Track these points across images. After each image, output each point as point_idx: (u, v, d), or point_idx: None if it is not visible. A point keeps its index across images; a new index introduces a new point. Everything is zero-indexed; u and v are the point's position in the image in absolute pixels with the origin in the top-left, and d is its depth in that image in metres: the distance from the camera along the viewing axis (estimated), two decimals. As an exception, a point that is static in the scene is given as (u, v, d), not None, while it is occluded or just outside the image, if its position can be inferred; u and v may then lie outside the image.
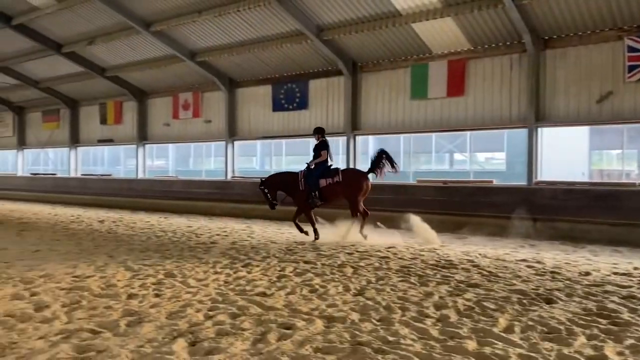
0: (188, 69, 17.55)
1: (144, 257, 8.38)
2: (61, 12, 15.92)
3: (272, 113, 16.72)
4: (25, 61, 20.28)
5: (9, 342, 4.25)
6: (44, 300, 5.55)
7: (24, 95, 24.31)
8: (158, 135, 20.40)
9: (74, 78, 20.78)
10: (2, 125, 27.20)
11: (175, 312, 5.17)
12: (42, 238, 10.76)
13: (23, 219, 15.02)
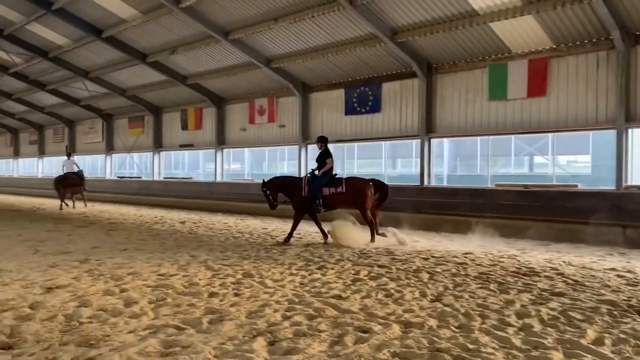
0: (263, 75, 18.00)
1: (223, 258, 8.67)
2: (146, 24, 16.84)
3: (344, 117, 16.79)
4: (113, 71, 21.60)
5: (102, 334, 4.54)
6: (132, 297, 5.88)
7: (112, 103, 25.91)
8: (235, 140, 21.05)
9: (157, 86, 21.89)
10: (93, 131, 29.12)
11: (254, 312, 5.31)
12: (129, 238, 11.40)
13: (111, 219, 15.98)
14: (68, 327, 4.76)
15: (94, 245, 10.08)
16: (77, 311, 5.24)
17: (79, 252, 9.14)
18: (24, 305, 5.49)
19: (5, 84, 27.32)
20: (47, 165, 34.64)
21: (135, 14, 16.47)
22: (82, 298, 5.81)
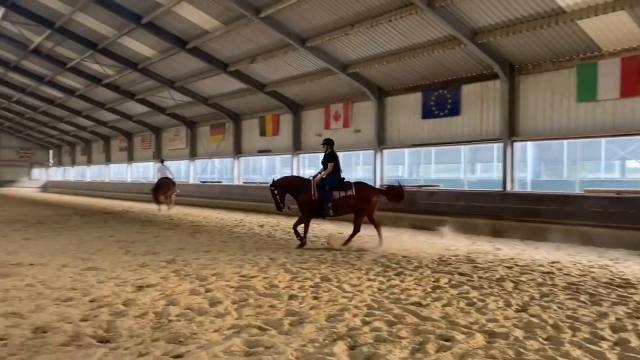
0: (339, 81, 18.11)
1: (301, 261, 8.79)
2: (227, 34, 17.46)
3: (421, 121, 16.53)
4: (196, 80, 22.57)
5: (190, 332, 4.73)
6: (216, 297, 6.09)
7: (195, 111, 27.08)
8: (311, 145, 21.32)
9: (237, 94, 22.63)
10: (177, 138, 30.56)
11: (334, 315, 5.33)
12: (212, 240, 11.83)
13: (194, 222, 16.66)
14: (158, 324, 5.01)
15: (180, 247, 10.55)
16: (166, 309, 5.50)
17: (165, 253, 9.61)
18: (118, 302, 5.84)
19: (99, 94, 29.31)
20: (135, 170, 36.78)
21: (217, 25, 17.13)
22: (170, 297, 6.09)
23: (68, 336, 4.57)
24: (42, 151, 51.58)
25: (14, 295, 6.12)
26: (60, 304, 5.74)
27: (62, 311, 5.43)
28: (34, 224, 15.68)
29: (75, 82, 28.37)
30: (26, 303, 5.76)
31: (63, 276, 7.33)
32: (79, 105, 32.75)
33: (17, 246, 10.55)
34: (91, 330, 4.74)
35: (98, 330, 4.79)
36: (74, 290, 6.44)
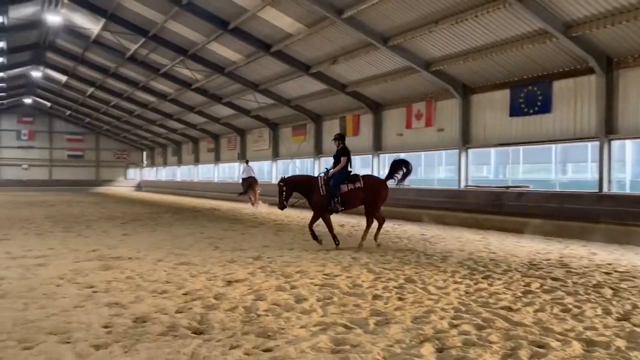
0: (422, 79, 17.82)
1: (384, 261, 8.74)
2: (310, 36, 17.71)
3: (509, 118, 15.88)
4: (279, 83, 23.10)
5: (278, 327, 4.85)
6: (302, 294, 6.20)
7: (277, 113, 27.73)
8: (391, 145, 21.15)
9: (318, 95, 22.90)
10: (261, 139, 31.44)
11: (419, 317, 5.26)
12: (294, 238, 12.07)
13: (277, 221, 17.06)
14: (248, 318, 5.18)
15: (264, 244, 10.86)
16: (254, 304, 5.68)
17: (252, 250, 9.92)
18: (210, 295, 6.11)
19: (189, 98, 30.77)
20: (221, 170, 38.26)
21: (300, 27, 17.42)
22: (257, 292, 6.28)
23: (165, 326, 4.84)
24: (137, 152, 55.01)
25: (115, 287, 6.57)
26: (157, 296, 6.10)
27: (159, 303, 5.76)
28: (130, 220, 16.74)
29: (167, 86, 29.97)
30: (127, 294, 6.17)
31: (158, 270, 7.77)
32: (170, 108, 34.57)
33: (116, 241, 11.32)
34: (186, 322, 4.99)
35: (192, 322, 5.03)
36: (168, 283, 6.82)
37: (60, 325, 4.82)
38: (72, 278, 7.08)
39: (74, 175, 51.71)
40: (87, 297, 6.01)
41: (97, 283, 6.76)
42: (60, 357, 4.02)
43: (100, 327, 4.83)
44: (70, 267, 7.87)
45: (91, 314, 5.24)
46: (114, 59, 27.36)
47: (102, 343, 4.36)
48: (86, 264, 8.21)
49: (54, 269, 7.73)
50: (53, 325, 4.84)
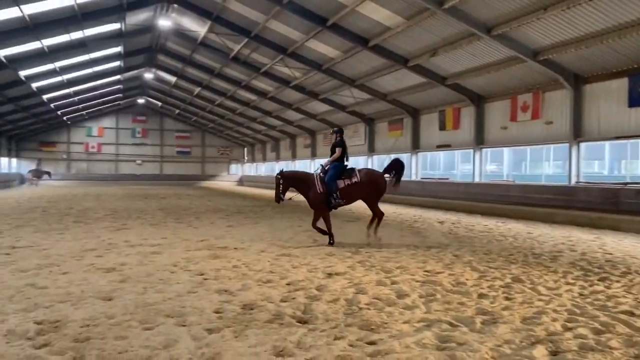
0: (528, 69, 16.91)
1: (488, 260, 8.41)
2: (409, 29, 17.42)
3: (627, 109, 14.63)
4: (376, 77, 22.98)
5: (381, 321, 4.84)
6: (403, 289, 6.13)
7: (373, 108, 27.65)
8: (494, 139, 20.31)
9: (416, 89, 22.52)
10: (356, 135, 31.53)
11: (529, 318, 5.00)
12: (392, 234, 11.95)
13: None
14: (350, 310, 5.21)
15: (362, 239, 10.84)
16: (355, 297, 5.70)
17: (350, 244, 9.96)
18: (312, 287, 6.22)
19: (287, 95, 31.57)
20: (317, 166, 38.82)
21: (399, 21, 17.19)
22: (358, 286, 6.30)
23: (271, 314, 5.00)
24: (239, 149, 57.46)
25: (223, 275, 6.90)
26: (262, 285, 6.32)
27: (264, 291, 5.96)
28: (234, 213, 17.51)
29: (267, 85, 30.94)
30: (234, 282, 6.46)
31: (262, 260, 8.05)
32: (269, 106, 35.69)
33: (223, 232, 11.89)
34: (291, 311, 5.12)
35: (296, 311, 5.15)
36: (272, 273, 7.04)
37: (176, 309, 5.14)
38: (184, 266, 7.54)
39: (181, 170, 55.14)
40: (199, 283, 6.36)
41: (207, 271, 7.14)
42: (177, 338, 4.28)
43: (211, 312, 5.09)
44: (183, 256, 8.38)
45: (203, 300, 5.54)
46: (219, 59, 28.69)
47: (214, 327, 4.59)
48: (196, 253, 8.69)
49: (168, 257, 8.28)
50: (170, 308, 5.18)
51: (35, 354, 3.92)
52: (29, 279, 6.46)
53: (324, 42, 21.23)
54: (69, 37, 23.61)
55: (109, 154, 52.93)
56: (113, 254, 8.53)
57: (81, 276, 6.71)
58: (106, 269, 7.22)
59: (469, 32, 16.07)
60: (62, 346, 4.07)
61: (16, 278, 6.54)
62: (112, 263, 7.65)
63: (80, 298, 5.55)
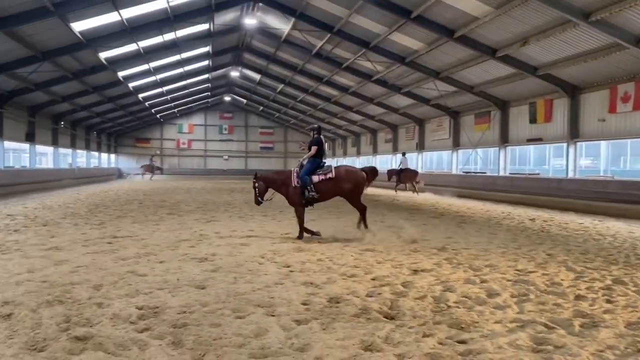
0: (630, 57, 15.69)
1: (585, 260, 7.93)
2: (497, 18, 16.71)
3: None
4: (462, 69, 22.28)
5: (471, 320, 4.70)
6: (493, 288, 5.91)
7: (459, 101, 26.86)
8: (590, 132, 19.08)
9: (505, 80, 21.61)
10: (440, 129, 30.82)
11: (635, 323, 4.65)
12: (480, 231, 11.57)
13: (460, 212, 16.55)
14: (438, 308, 5.11)
15: (447, 236, 10.61)
16: (443, 295, 5.58)
17: (435, 241, 9.77)
18: (397, 283, 6.16)
19: (369, 90, 31.43)
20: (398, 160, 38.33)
21: (487, 10, 16.54)
22: (445, 283, 6.16)
23: (358, 309, 5.01)
24: (320, 144, 57.97)
25: (309, 268, 7.00)
26: (347, 279, 6.35)
27: (349, 285, 5.98)
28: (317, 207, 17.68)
29: (349, 80, 30.98)
30: (319, 275, 6.54)
31: (346, 254, 8.09)
32: (351, 101, 35.72)
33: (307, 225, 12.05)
34: (377, 306, 5.10)
35: (383, 306, 5.12)
36: (356, 267, 7.05)
37: (265, 299, 5.29)
38: (271, 257, 7.74)
39: (265, 165, 56.48)
40: (285, 275, 6.50)
41: (292, 263, 7.28)
42: (267, 328, 4.40)
43: (299, 303, 5.18)
44: (269, 248, 8.61)
45: (290, 291, 5.66)
46: (302, 56, 29.11)
47: (302, 319, 4.67)
48: (281, 245, 8.90)
49: (255, 249, 8.53)
50: (259, 298, 5.33)
51: (137, 337, 4.18)
52: (130, 267, 6.90)
53: (408, 34, 20.89)
54: (162, 38, 24.97)
55: (198, 149, 55.42)
56: (204, 245, 8.92)
57: (176, 265, 7.08)
58: (199, 258, 7.57)
59: (563, 19, 15.16)
60: (162, 331, 4.31)
61: (118, 265, 7.02)
62: (204, 253, 8.00)
63: (176, 286, 5.85)
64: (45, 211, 14.91)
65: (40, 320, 4.52)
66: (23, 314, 4.66)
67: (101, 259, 7.50)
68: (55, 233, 10.19)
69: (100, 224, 12.01)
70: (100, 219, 12.97)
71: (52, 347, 3.93)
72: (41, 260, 7.31)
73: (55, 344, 3.98)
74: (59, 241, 9.11)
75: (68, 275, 6.33)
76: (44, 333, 4.20)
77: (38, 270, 6.62)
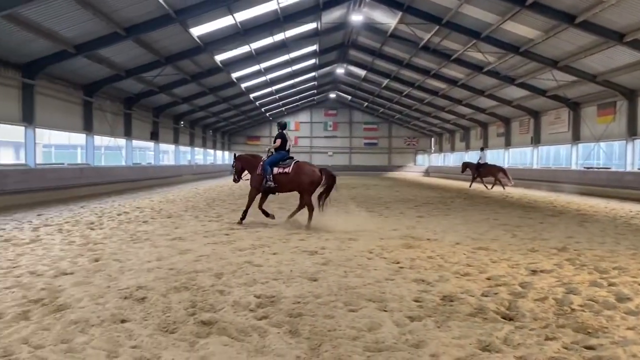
0: None
1: None
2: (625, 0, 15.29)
3: None
4: (583, 57, 20.62)
5: (599, 325, 4.37)
6: (623, 292, 5.46)
7: (579, 91, 24.95)
8: None
9: (633, 67, 19.69)
10: (559, 121, 28.82)
11: None
12: (604, 231, 10.69)
13: (581, 210, 15.41)
14: (561, 310, 4.81)
15: (568, 235, 9.93)
16: (566, 297, 5.24)
17: (554, 240, 9.20)
18: (514, 283, 5.89)
19: (479, 82, 30.19)
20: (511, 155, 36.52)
21: (613, -9, 15.21)
22: (568, 285, 5.78)
23: (473, 308, 4.86)
24: (425, 139, 56.93)
25: (419, 265, 6.91)
26: (460, 278, 6.17)
27: (463, 284, 5.82)
28: (423, 204, 17.42)
29: (458, 72, 29.98)
30: (430, 272, 6.42)
31: (457, 252, 7.86)
32: (459, 94, 34.57)
33: (413, 222, 11.92)
34: (494, 306, 4.91)
35: (500, 307, 4.93)
36: (469, 266, 6.83)
37: (376, 294, 5.31)
38: (379, 253, 7.74)
39: (369, 161, 56.73)
40: (395, 271, 6.47)
41: (402, 259, 7.22)
42: (380, 322, 4.42)
43: (411, 300, 5.14)
44: (377, 244, 8.61)
45: (401, 287, 5.62)
46: (408, 49, 28.67)
47: (416, 315, 4.63)
48: (389, 242, 8.85)
49: (363, 244, 8.58)
50: (370, 293, 5.36)
51: (257, 324, 4.39)
52: (246, 257, 7.26)
53: (522, 22, 19.75)
54: (272, 39, 25.87)
55: (304, 146, 56.75)
56: (314, 238, 9.14)
57: (289, 257, 7.33)
58: (309, 251, 7.77)
59: None
60: (279, 319, 4.49)
61: (236, 256, 7.41)
62: (314, 246, 8.20)
63: (289, 277, 6.06)
64: (168, 204, 16.11)
65: (169, 304, 4.90)
66: (155, 298, 5.07)
67: (220, 249, 7.97)
68: (178, 224, 10.99)
69: (218, 216, 12.75)
70: (218, 212, 13.77)
71: (182, 329, 4.24)
72: (167, 249, 7.92)
73: (184, 327, 4.30)
74: (182, 232, 9.81)
75: (192, 263, 6.80)
76: (173, 316, 4.55)
77: (165, 258, 7.18)
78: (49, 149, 37.63)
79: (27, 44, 16.32)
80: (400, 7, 22.56)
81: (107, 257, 7.18)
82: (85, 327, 4.25)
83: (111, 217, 12.20)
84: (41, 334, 4.10)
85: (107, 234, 9.44)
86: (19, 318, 4.50)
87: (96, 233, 9.58)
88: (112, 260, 7.00)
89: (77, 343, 3.92)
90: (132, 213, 13.24)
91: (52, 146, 38.57)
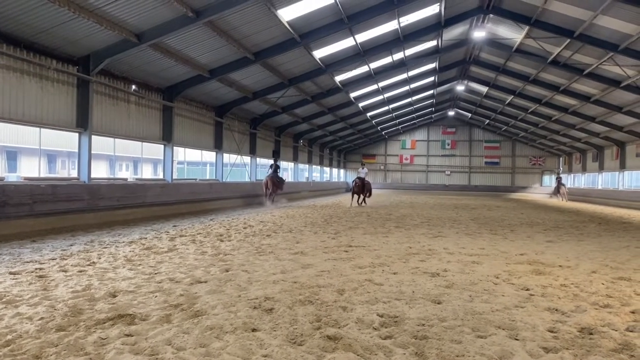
0: None
1: None
2: None
3: None
4: None
5: None
6: None
7: None
8: None
9: None
10: None
11: None
12: None
13: None
14: None
15: None
16: None
17: None
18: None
19: (616, 97, 27.77)
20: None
21: None
22: None
23: (617, 343, 4.44)
24: (552, 158, 53.37)
25: (551, 293, 6.45)
26: (599, 309, 5.67)
27: (604, 317, 5.34)
28: (552, 227, 16.29)
29: (591, 87, 27.85)
30: (565, 302, 5.98)
31: (595, 282, 7.24)
32: (593, 111, 32.06)
33: (542, 247, 11.19)
34: (641, 343, 4.45)
35: (650, 345, 4.44)
36: (610, 297, 6.26)
37: (505, 322, 5.05)
38: (506, 278, 7.36)
39: (490, 181, 54.41)
40: (525, 299, 6.11)
41: (532, 286, 6.80)
42: (512, 351, 4.19)
43: (545, 330, 4.82)
44: (503, 268, 8.20)
45: (533, 316, 5.29)
46: (535, 64, 27.24)
47: (551, 347, 4.33)
48: (517, 267, 8.39)
49: (488, 268, 8.22)
50: (499, 320, 5.11)
51: (382, 343, 4.37)
52: (367, 275, 7.29)
53: (669, 31, 17.95)
54: (391, 58, 25.98)
55: (420, 164, 55.94)
56: (434, 260, 8.93)
57: (409, 278, 7.23)
58: (431, 273, 7.60)
59: None
60: (404, 340, 4.43)
61: (356, 273, 7.46)
62: (435, 268, 8.01)
63: (412, 298, 5.97)
64: (289, 220, 16.71)
65: (295, 317, 5.06)
66: (282, 310, 5.27)
67: (341, 265, 8.08)
68: (299, 239, 11.35)
69: (336, 233, 12.96)
70: (336, 229, 14.00)
71: (309, 342, 4.35)
72: (290, 262, 8.20)
73: (311, 340, 4.40)
74: (303, 247, 10.11)
75: (314, 278, 6.98)
76: (300, 329, 4.69)
77: (289, 271, 7.44)
78: (182, 165, 40.90)
79: (169, 69, 18.00)
80: (527, 22, 21.55)
81: (237, 268, 7.61)
82: (220, 334, 4.52)
83: (237, 230, 12.92)
84: (182, 337, 4.43)
85: (235, 246, 10.01)
86: (162, 321, 4.91)
87: (225, 244, 10.21)
88: (241, 271, 7.41)
89: (213, 348, 4.18)
90: (257, 227, 13.92)
91: (185, 162, 41.89)
